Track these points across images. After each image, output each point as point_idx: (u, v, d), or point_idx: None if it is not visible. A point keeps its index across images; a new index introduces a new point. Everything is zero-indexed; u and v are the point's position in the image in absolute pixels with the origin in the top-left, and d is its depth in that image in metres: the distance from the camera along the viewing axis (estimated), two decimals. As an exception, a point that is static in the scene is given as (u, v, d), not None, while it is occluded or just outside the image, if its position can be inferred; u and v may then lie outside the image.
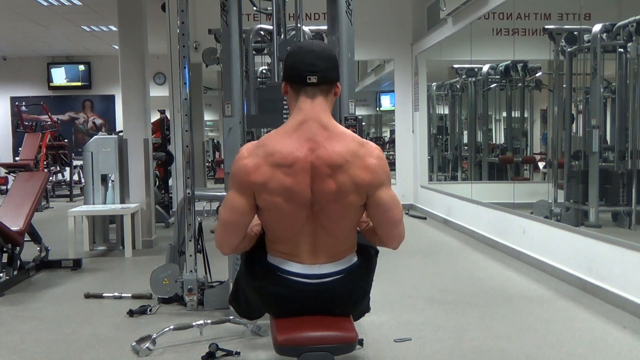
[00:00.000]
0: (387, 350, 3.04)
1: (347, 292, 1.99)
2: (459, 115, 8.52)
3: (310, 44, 1.98)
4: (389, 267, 4.87)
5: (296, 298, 1.96)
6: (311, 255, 1.93)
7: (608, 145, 5.20)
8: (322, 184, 1.81)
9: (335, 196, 1.82)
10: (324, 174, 1.81)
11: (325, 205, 1.84)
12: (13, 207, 4.76)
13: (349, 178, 1.81)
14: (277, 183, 1.81)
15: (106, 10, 8.85)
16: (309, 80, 1.85)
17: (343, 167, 1.81)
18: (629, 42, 4.76)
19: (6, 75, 13.23)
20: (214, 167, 14.11)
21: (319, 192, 1.82)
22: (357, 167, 1.82)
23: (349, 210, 1.87)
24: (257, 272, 2.00)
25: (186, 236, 3.72)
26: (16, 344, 3.23)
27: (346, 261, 1.97)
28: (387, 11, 8.68)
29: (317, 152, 1.81)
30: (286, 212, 1.85)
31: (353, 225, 1.96)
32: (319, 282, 1.94)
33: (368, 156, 1.84)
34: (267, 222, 1.94)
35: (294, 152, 1.81)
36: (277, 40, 3.56)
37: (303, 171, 1.81)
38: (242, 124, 3.53)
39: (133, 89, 5.98)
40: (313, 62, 1.85)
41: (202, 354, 2.91)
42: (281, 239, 1.94)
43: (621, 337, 3.22)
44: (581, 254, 4.18)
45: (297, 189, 1.81)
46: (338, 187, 1.81)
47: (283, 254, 1.94)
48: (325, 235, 1.90)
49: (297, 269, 1.93)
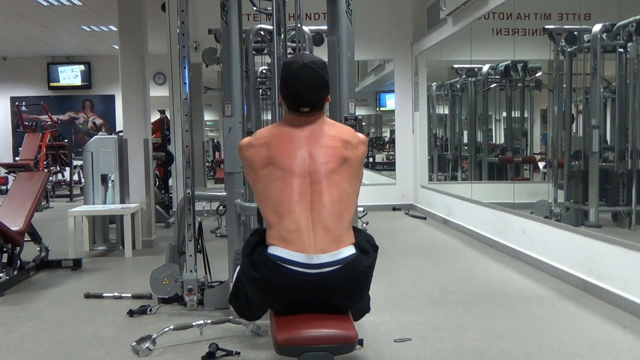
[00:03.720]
0: (387, 350, 3.04)
1: (347, 282, 2.01)
2: (459, 115, 8.52)
3: (304, 71, 2.10)
4: (389, 267, 4.87)
5: (296, 288, 1.98)
6: (309, 236, 1.98)
7: (608, 145, 5.20)
8: (318, 150, 2.07)
9: (329, 157, 2.06)
10: (320, 144, 2.09)
11: (320, 171, 2.04)
12: (13, 207, 4.76)
13: (341, 140, 2.12)
14: (277, 146, 2.08)
15: (106, 10, 8.85)
16: (302, 110, 2.13)
17: (336, 136, 2.13)
18: (629, 42, 4.76)
19: (6, 75, 13.23)
20: (214, 167, 14.10)
21: (315, 156, 2.06)
22: (349, 134, 2.17)
23: (342, 174, 2.07)
24: (258, 263, 2.04)
25: (186, 236, 3.73)
26: (16, 344, 3.23)
27: (345, 252, 2.02)
28: (387, 11, 8.68)
29: (314, 132, 2.11)
30: (285, 180, 2.03)
31: (347, 202, 2.07)
32: (319, 272, 1.97)
33: (358, 135, 2.22)
34: (267, 196, 2.07)
35: (292, 131, 2.12)
36: (277, 40, 3.56)
37: (300, 140, 2.09)
38: (242, 124, 3.53)
39: (133, 89, 5.98)
40: (304, 97, 2.11)
41: (202, 354, 2.91)
42: (280, 215, 2.01)
43: (621, 337, 3.22)
44: (581, 254, 4.18)
45: (296, 155, 2.06)
46: (332, 148, 2.08)
47: (282, 242, 1.99)
48: (322, 209, 2.01)
49: (297, 258, 1.98)
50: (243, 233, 3.56)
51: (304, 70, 2.09)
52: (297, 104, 2.12)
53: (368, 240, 2.18)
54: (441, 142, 8.87)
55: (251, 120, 4.74)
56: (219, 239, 6.31)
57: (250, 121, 4.60)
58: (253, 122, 4.87)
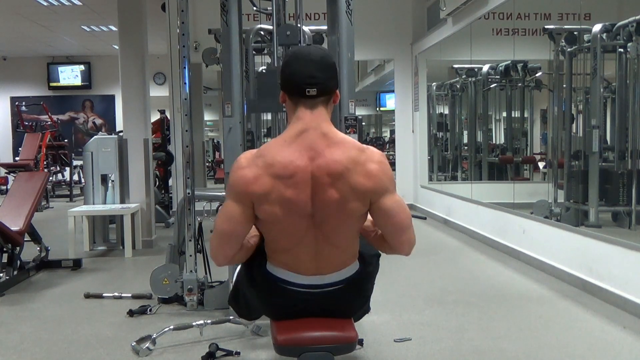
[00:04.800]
0: (387, 350, 3.04)
1: (349, 300, 1.97)
2: (459, 115, 8.53)
3: (308, 52, 1.87)
4: (389, 267, 4.85)
5: (297, 306, 1.94)
6: (312, 265, 1.88)
7: (608, 145, 5.20)
8: (324, 194, 1.77)
9: (337, 205, 1.78)
10: (324, 183, 1.76)
11: (326, 215, 1.79)
12: (13, 207, 4.76)
13: (350, 186, 1.76)
14: (278, 194, 1.76)
15: (106, 10, 8.85)
16: (308, 92, 1.80)
17: (344, 175, 1.76)
18: (629, 42, 4.76)
19: (6, 75, 13.23)
20: (214, 167, 14.12)
21: (320, 202, 1.78)
22: (358, 174, 1.77)
23: (351, 218, 1.83)
24: (257, 280, 1.95)
25: (186, 236, 3.72)
26: (16, 344, 3.23)
27: (348, 270, 1.93)
28: (387, 11, 8.68)
29: (317, 161, 1.76)
30: (286, 223, 1.80)
31: (355, 234, 1.91)
32: (321, 291, 1.91)
33: (369, 162, 1.79)
34: (267, 233, 1.89)
35: (294, 162, 1.76)
36: (277, 40, 3.56)
37: (304, 182, 1.76)
38: (242, 124, 3.53)
39: (133, 89, 5.98)
40: (312, 73, 1.80)
41: (202, 354, 2.91)
42: (281, 249, 1.89)
43: (621, 337, 3.22)
44: (581, 254, 4.18)
45: (297, 200, 1.77)
46: (340, 196, 1.77)
47: (283, 264, 1.89)
48: (327, 245, 1.85)
49: (298, 279, 1.89)
50: (243, 233, 3.55)
51: (308, 49, 1.93)
52: (302, 82, 1.79)
53: (371, 250, 2.09)
54: (441, 142, 8.88)
55: (251, 120, 4.73)
56: (219, 239, 6.29)
57: (250, 121, 4.60)
58: (253, 122, 4.87)
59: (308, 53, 1.85)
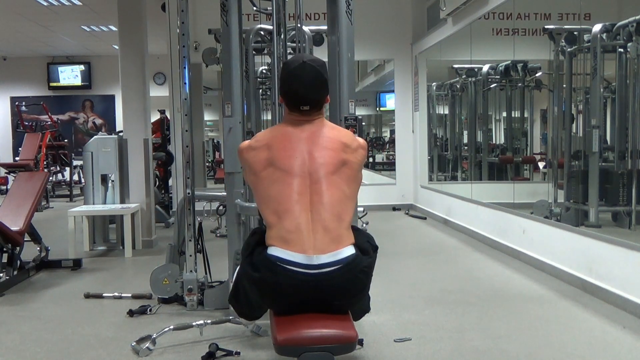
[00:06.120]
0: (387, 350, 3.04)
1: (346, 282, 2.02)
2: (459, 115, 8.52)
3: (301, 72, 2.11)
4: (389, 267, 4.87)
5: (296, 289, 1.99)
6: (309, 240, 1.98)
7: (608, 145, 5.20)
8: (317, 151, 2.09)
9: (329, 159, 2.08)
10: (320, 145, 2.11)
11: (320, 171, 2.06)
12: (13, 207, 4.76)
13: (341, 143, 2.13)
14: (278, 148, 2.09)
15: (106, 10, 8.85)
16: (302, 108, 2.14)
17: (336, 139, 2.14)
18: (629, 42, 4.76)
19: (6, 75, 13.24)
20: (214, 167, 14.10)
21: (315, 158, 2.07)
22: (349, 138, 2.19)
23: (342, 176, 2.08)
24: (257, 264, 2.05)
25: (186, 236, 3.73)
26: (16, 344, 3.23)
27: (345, 252, 2.02)
28: (387, 11, 8.68)
29: (314, 133, 2.13)
30: (285, 180, 2.04)
31: (347, 202, 2.09)
32: (318, 272, 1.97)
33: (357, 139, 2.23)
34: (267, 197, 2.08)
35: (292, 132, 2.14)
36: (277, 40, 3.56)
37: (300, 141, 2.11)
38: (242, 123, 3.53)
39: (133, 89, 5.98)
40: (305, 95, 2.12)
41: (202, 354, 2.91)
42: (279, 216, 2.02)
43: (621, 337, 3.22)
44: (581, 254, 4.18)
45: (296, 156, 2.07)
46: (332, 150, 2.10)
47: (282, 241, 2.00)
48: (321, 209, 2.02)
49: (296, 258, 1.98)
50: (243, 233, 3.55)
51: (304, 68, 2.11)
52: (297, 101, 2.13)
53: (368, 240, 2.19)
54: (441, 142, 8.87)
55: (251, 120, 4.74)
56: (219, 239, 6.30)
57: (250, 121, 4.60)
58: (253, 122, 4.88)
59: (301, 74, 2.12)
